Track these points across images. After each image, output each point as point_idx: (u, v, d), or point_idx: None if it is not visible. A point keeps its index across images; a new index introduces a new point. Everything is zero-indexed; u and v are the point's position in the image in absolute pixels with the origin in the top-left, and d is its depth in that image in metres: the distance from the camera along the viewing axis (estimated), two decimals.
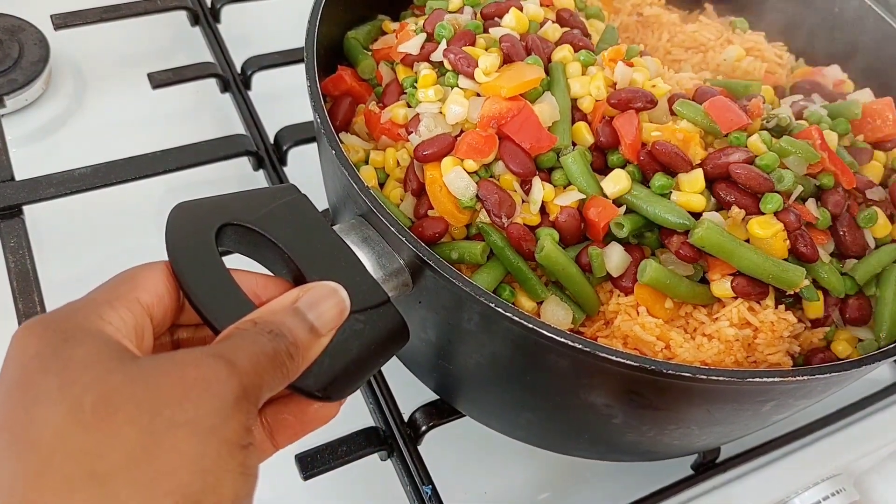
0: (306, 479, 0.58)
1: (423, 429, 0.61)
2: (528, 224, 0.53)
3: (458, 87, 0.56)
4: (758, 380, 0.45)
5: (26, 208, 0.69)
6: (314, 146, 0.67)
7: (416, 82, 0.57)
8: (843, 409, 0.71)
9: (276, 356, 0.34)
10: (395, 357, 0.48)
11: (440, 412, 0.62)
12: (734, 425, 0.55)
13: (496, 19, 0.60)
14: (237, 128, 0.81)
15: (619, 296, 0.53)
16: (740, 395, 0.49)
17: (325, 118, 0.52)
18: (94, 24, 0.83)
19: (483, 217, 0.53)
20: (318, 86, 0.54)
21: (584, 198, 0.54)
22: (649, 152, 0.54)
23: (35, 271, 0.65)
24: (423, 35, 0.60)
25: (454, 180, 0.52)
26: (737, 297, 0.52)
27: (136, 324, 0.35)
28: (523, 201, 0.54)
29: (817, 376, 0.46)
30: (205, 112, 0.86)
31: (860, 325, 0.56)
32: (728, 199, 0.53)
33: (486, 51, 0.57)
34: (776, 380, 0.45)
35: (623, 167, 0.55)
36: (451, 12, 0.61)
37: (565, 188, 0.55)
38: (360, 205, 0.48)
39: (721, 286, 0.52)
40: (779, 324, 0.52)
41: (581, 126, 0.56)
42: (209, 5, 0.89)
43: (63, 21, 0.81)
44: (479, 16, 0.61)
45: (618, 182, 0.53)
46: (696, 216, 0.53)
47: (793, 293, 0.53)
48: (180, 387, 0.31)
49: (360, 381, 0.41)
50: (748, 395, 0.49)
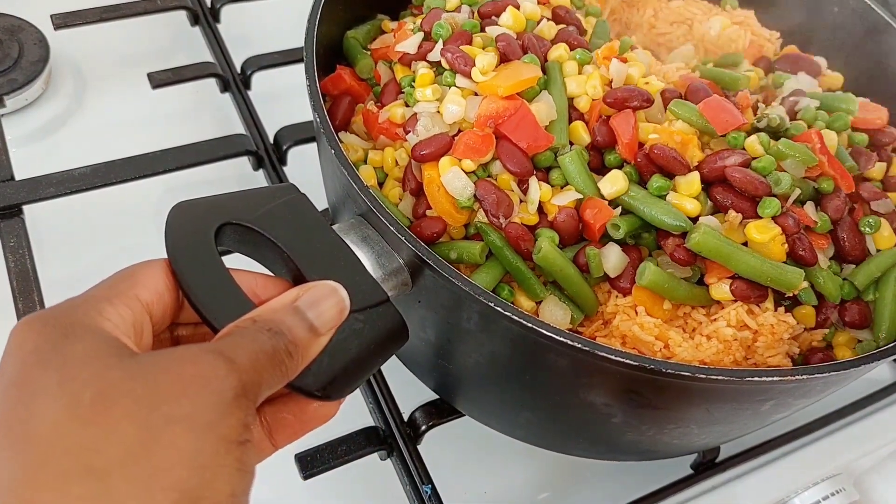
0: (306, 478, 0.58)
1: (423, 428, 0.61)
2: (527, 224, 0.53)
3: (455, 86, 0.56)
4: (757, 379, 0.45)
5: (26, 208, 0.69)
6: (314, 146, 0.67)
7: (414, 81, 0.57)
8: (843, 408, 0.71)
9: (274, 354, 0.34)
10: (394, 356, 0.49)
11: (440, 412, 0.62)
12: (733, 425, 0.55)
13: (493, 18, 0.60)
14: (237, 128, 0.81)
15: (617, 296, 0.53)
16: (739, 394, 0.49)
17: (325, 118, 0.52)
18: (93, 23, 0.82)
19: (481, 217, 0.53)
20: (318, 85, 0.54)
21: (582, 198, 0.53)
22: (647, 155, 0.54)
23: (35, 271, 0.65)
24: (420, 34, 0.60)
25: (452, 180, 0.52)
26: (736, 301, 0.52)
27: (134, 321, 0.35)
28: (521, 201, 0.54)
29: (816, 376, 0.46)
30: (204, 112, 0.86)
31: (859, 329, 0.55)
32: (725, 202, 0.53)
33: (482, 50, 0.57)
34: (775, 379, 0.45)
35: (620, 167, 0.55)
36: (448, 11, 0.61)
37: (563, 188, 0.55)
38: (360, 204, 0.48)
39: (720, 289, 0.52)
40: (779, 326, 0.52)
41: (578, 125, 0.56)
42: (209, 5, 0.89)
43: (63, 21, 0.81)
44: (476, 14, 0.61)
45: (615, 183, 0.53)
46: (693, 218, 0.53)
47: (792, 295, 0.53)
48: (178, 383, 0.31)
49: (359, 380, 0.41)
50: (747, 395, 0.49)
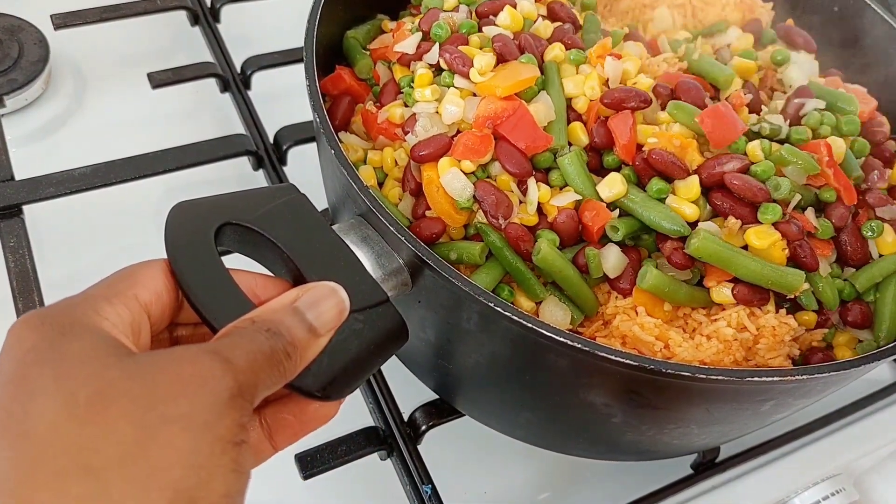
0: (306, 478, 0.58)
1: (423, 428, 0.61)
2: (526, 224, 0.53)
3: (454, 86, 0.56)
4: (757, 379, 0.45)
5: (26, 208, 0.69)
6: (314, 146, 0.67)
7: (413, 82, 0.57)
8: (843, 408, 0.71)
9: (273, 355, 0.34)
10: (394, 357, 0.49)
11: (440, 412, 0.62)
12: (733, 425, 0.55)
13: (491, 17, 0.60)
14: (237, 127, 0.81)
15: (617, 298, 0.53)
16: (739, 394, 0.49)
17: (325, 118, 0.52)
18: (93, 23, 0.82)
19: (481, 217, 0.53)
20: (318, 85, 0.54)
21: (581, 199, 0.53)
22: (645, 160, 0.54)
23: (35, 271, 0.65)
24: (418, 34, 0.60)
25: (451, 181, 0.52)
26: (738, 304, 0.52)
27: (132, 320, 0.35)
28: (520, 202, 0.54)
29: (816, 376, 0.46)
30: (204, 112, 0.86)
31: (860, 329, 0.55)
32: (724, 208, 0.53)
33: (480, 50, 0.57)
34: (775, 379, 0.45)
35: (619, 168, 0.55)
36: (446, 11, 0.61)
37: (562, 189, 0.55)
38: (360, 204, 0.48)
39: (722, 293, 0.52)
40: (780, 328, 0.52)
41: (576, 126, 0.56)
42: (209, 5, 0.89)
43: (63, 21, 0.81)
44: (474, 14, 0.61)
45: (613, 187, 0.53)
46: (693, 223, 0.52)
47: (792, 297, 0.53)
48: (176, 383, 0.31)
49: (359, 380, 0.41)
50: (747, 395, 0.49)
